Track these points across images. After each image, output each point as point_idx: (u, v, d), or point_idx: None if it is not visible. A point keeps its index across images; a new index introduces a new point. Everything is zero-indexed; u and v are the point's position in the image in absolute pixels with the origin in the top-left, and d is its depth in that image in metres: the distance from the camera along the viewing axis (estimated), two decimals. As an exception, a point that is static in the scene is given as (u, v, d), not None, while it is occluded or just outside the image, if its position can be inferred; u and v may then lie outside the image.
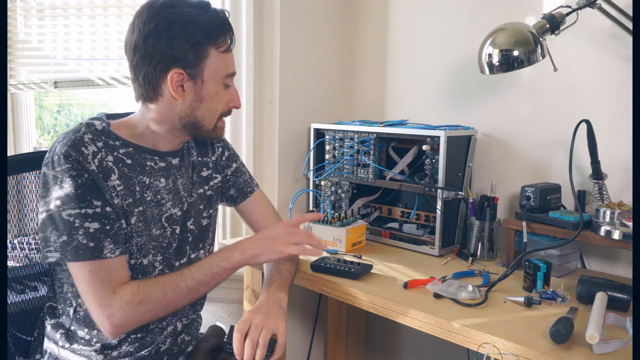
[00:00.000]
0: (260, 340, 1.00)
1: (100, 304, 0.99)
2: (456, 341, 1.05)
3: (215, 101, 1.10)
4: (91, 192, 0.99)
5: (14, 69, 1.97)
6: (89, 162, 0.99)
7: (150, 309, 1.01)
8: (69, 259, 0.98)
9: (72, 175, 0.97)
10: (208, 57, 1.05)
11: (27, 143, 2.07)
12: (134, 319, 1.01)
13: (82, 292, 1.01)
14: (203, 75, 1.06)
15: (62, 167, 0.98)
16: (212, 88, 1.08)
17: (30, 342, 1.19)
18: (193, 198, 1.19)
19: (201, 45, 1.04)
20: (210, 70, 1.06)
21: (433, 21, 1.77)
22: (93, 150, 1.01)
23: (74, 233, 0.97)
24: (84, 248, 0.98)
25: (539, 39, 1.25)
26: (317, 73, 1.90)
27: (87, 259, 0.98)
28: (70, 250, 0.97)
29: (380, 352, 2.06)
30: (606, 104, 1.41)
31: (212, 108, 1.10)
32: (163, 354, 1.15)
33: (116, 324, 1.00)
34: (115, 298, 0.99)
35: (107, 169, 1.02)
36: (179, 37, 1.01)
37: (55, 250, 0.98)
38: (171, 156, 1.15)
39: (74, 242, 0.97)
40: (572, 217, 1.31)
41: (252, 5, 1.72)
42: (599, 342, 0.92)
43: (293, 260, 1.28)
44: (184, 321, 1.19)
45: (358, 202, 1.75)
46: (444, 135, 1.46)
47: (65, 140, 1.00)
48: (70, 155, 0.98)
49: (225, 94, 1.11)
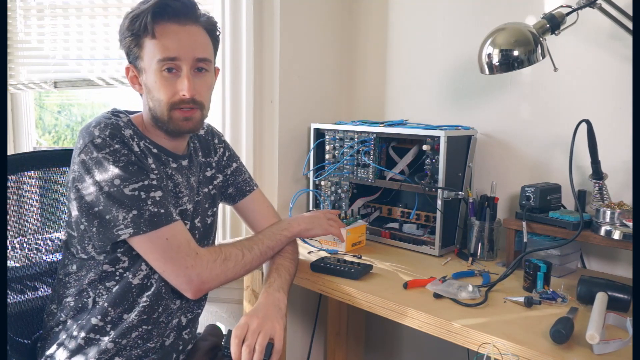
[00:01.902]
0: (257, 346, 1.00)
1: (187, 265, 1.05)
2: (456, 341, 1.04)
3: (156, 90, 1.07)
4: (143, 166, 1.04)
5: (14, 69, 1.97)
6: (132, 144, 1.04)
7: (233, 266, 1.11)
8: (144, 230, 1.01)
9: (124, 154, 1.01)
10: (144, 47, 1.06)
11: (27, 143, 2.07)
12: (220, 276, 1.09)
13: (161, 260, 1.04)
14: (144, 65, 1.08)
15: (110, 148, 1.01)
16: (150, 77, 1.08)
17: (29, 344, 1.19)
18: (200, 197, 1.22)
19: (138, 37, 1.06)
20: (147, 60, 1.07)
21: (433, 21, 1.76)
22: (130, 134, 1.05)
23: (143, 205, 1.01)
24: (158, 215, 1.02)
25: (539, 39, 1.25)
26: (317, 73, 1.90)
27: (162, 225, 1.02)
28: (144, 221, 1.01)
29: (380, 352, 2.06)
30: (606, 104, 1.41)
31: (157, 98, 1.08)
32: (168, 348, 1.16)
33: (204, 280, 1.07)
34: (200, 258, 1.06)
35: (144, 152, 1.07)
36: (123, 33, 1.08)
37: (127, 227, 1.00)
38: (181, 159, 1.18)
39: (146, 213, 1.01)
40: (572, 217, 1.31)
41: (252, 5, 1.72)
42: (599, 342, 0.91)
43: (293, 260, 1.28)
44: (189, 316, 1.20)
45: (358, 202, 1.75)
46: (444, 135, 1.46)
47: (102, 126, 1.03)
48: (115, 137, 1.02)
49: (168, 83, 1.06)
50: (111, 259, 1.07)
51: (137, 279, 1.09)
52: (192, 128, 1.12)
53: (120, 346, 1.09)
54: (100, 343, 1.08)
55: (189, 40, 1.07)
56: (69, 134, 2.27)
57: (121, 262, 1.08)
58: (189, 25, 1.07)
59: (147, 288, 1.11)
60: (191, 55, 1.07)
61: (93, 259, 1.08)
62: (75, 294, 1.10)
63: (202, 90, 1.10)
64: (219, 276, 1.09)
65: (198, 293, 1.08)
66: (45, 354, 1.12)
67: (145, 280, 1.10)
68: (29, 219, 1.24)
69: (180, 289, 1.08)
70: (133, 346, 1.11)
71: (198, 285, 1.07)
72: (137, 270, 1.09)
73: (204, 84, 1.10)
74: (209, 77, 1.12)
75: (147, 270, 1.09)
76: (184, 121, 1.09)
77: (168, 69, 1.06)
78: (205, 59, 1.09)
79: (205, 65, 1.10)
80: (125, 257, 1.08)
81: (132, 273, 1.08)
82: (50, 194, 1.28)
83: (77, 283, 1.10)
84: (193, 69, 1.08)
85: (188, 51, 1.06)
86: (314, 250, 1.53)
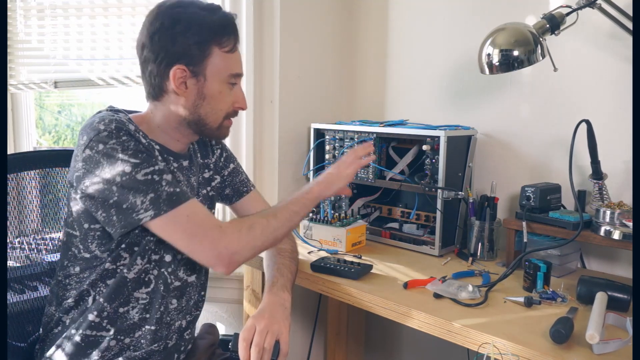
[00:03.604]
0: (265, 345, 1.01)
1: (213, 238, 1.02)
2: (456, 341, 1.04)
3: (218, 100, 1.11)
4: (151, 154, 1.04)
5: (14, 69, 1.97)
6: (138, 136, 1.04)
7: (260, 233, 1.07)
8: (165, 210, 1.00)
9: (132, 143, 1.01)
10: (211, 55, 1.07)
11: (27, 143, 2.07)
12: (249, 244, 1.06)
13: (186, 239, 1.02)
14: (206, 72, 1.08)
15: (118, 139, 1.00)
16: (215, 86, 1.09)
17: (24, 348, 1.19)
18: (199, 198, 1.22)
19: (204, 43, 1.06)
20: (213, 69, 1.08)
21: (433, 21, 1.77)
22: (134, 128, 1.05)
23: (158, 187, 1.00)
24: (176, 194, 1.02)
25: (539, 39, 1.25)
26: (317, 73, 1.90)
27: (182, 202, 1.01)
28: (163, 201, 1.00)
29: (380, 352, 2.06)
30: (606, 104, 1.41)
31: (215, 107, 1.11)
32: (171, 349, 1.16)
33: (234, 251, 1.03)
34: (224, 230, 1.04)
35: (150, 145, 1.07)
36: (182, 35, 1.05)
37: (146, 210, 0.99)
38: (182, 159, 1.18)
39: (164, 194, 1.00)
40: (572, 217, 1.31)
41: (252, 5, 1.72)
42: (599, 342, 0.92)
43: (293, 259, 1.28)
44: (188, 318, 1.21)
45: (358, 202, 1.75)
46: (444, 135, 1.46)
47: (107, 121, 1.02)
48: (121, 129, 1.02)
49: (229, 94, 1.12)
50: (113, 257, 1.07)
51: (132, 273, 1.08)
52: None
53: (124, 345, 1.09)
54: (100, 340, 1.08)
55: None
56: (69, 134, 2.27)
57: (122, 259, 1.08)
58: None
59: (144, 283, 1.10)
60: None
61: (96, 257, 1.08)
62: (75, 295, 1.10)
63: None
64: (248, 244, 1.06)
65: (230, 266, 1.04)
66: (45, 356, 1.12)
67: (142, 275, 1.10)
68: (29, 219, 1.24)
69: (211, 266, 1.06)
70: (137, 346, 1.11)
71: (228, 257, 1.03)
72: (132, 264, 1.08)
73: None
74: None
75: (143, 264, 1.09)
76: (228, 129, 1.17)
77: (233, 84, 1.13)
78: None
79: None
80: (126, 254, 1.08)
81: (127, 267, 1.08)
82: (51, 194, 1.28)
83: (77, 285, 1.10)
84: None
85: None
86: (314, 250, 1.53)
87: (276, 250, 1.28)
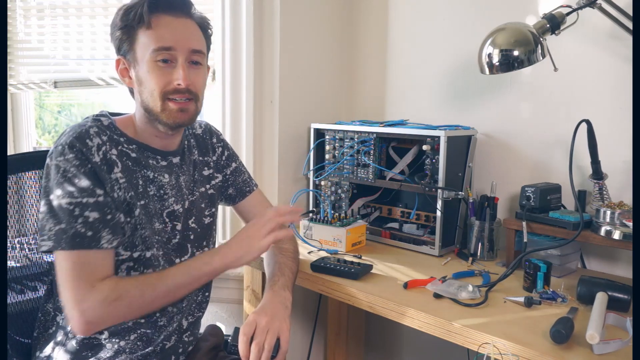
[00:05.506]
0: (265, 344, 1.00)
1: (76, 298, 0.97)
2: (456, 341, 1.04)
3: (149, 80, 1.05)
4: (94, 182, 0.99)
5: (14, 69, 1.97)
6: (92, 154, 1.00)
7: (125, 306, 1.00)
8: (63, 247, 0.96)
9: (75, 165, 0.98)
10: (138, 38, 1.06)
11: (27, 143, 2.07)
12: (108, 317, 1.00)
13: (61, 282, 0.99)
14: (137, 57, 1.07)
15: (65, 157, 0.98)
16: (144, 67, 1.06)
17: (29, 344, 1.19)
18: (195, 196, 1.19)
19: (128, 28, 1.06)
20: (140, 51, 1.06)
21: (433, 21, 1.76)
22: (98, 143, 1.02)
23: (73, 221, 0.96)
24: (81, 236, 0.97)
25: (539, 38, 1.25)
26: (317, 73, 1.90)
27: (81, 248, 0.97)
28: (66, 238, 0.96)
29: (380, 352, 2.06)
30: (606, 104, 1.41)
31: (149, 88, 1.06)
32: (169, 351, 1.15)
33: (89, 320, 0.97)
34: (92, 293, 0.97)
35: (110, 161, 1.03)
36: (113, 27, 1.08)
37: (49, 239, 0.97)
38: (172, 155, 1.15)
39: (72, 230, 0.96)
40: (572, 217, 1.31)
41: (252, 5, 1.72)
42: (599, 342, 0.91)
43: (294, 259, 1.28)
44: (190, 319, 1.20)
45: (358, 202, 1.75)
46: (444, 135, 1.46)
47: (71, 132, 1.01)
48: (74, 146, 0.99)
49: (162, 73, 1.05)
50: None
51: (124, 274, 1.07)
52: (187, 120, 1.09)
53: (119, 348, 1.09)
54: (95, 342, 1.07)
55: (184, 31, 1.07)
56: (69, 134, 2.27)
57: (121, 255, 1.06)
58: (184, 18, 1.08)
59: None
60: (186, 46, 1.06)
61: None
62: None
63: (198, 82, 1.09)
64: (109, 316, 1.00)
65: (82, 332, 0.99)
66: (41, 356, 1.11)
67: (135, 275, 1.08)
68: (29, 219, 1.24)
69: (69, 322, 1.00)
70: (133, 349, 1.10)
71: (84, 323, 0.97)
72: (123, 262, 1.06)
73: (199, 76, 1.10)
74: (203, 71, 1.12)
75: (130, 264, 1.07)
76: (178, 112, 1.06)
77: (163, 60, 1.04)
78: (200, 50, 1.09)
79: (200, 59, 1.09)
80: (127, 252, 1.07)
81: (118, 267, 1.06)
82: (50, 194, 1.28)
83: None
84: (188, 61, 1.07)
85: (183, 42, 1.06)
86: (314, 250, 1.53)
87: (277, 249, 1.27)
